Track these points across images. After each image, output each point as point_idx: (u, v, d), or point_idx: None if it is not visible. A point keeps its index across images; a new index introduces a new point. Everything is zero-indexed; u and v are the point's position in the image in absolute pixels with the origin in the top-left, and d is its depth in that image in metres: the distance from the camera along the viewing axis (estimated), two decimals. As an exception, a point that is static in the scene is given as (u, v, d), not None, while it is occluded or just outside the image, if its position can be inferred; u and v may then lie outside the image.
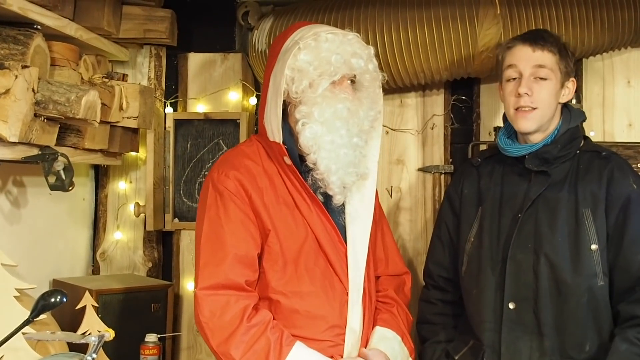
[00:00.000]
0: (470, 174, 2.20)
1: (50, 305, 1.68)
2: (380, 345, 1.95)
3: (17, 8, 1.96)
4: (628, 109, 2.64)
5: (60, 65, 2.25)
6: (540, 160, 2.03)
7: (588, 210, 1.96)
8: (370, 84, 1.95)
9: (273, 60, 1.94)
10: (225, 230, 1.85)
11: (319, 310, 1.88)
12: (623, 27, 2.45)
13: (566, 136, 2.05)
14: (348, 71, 1.88)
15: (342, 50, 1.86)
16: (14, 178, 2.36)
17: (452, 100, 2.77)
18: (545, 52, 2.01)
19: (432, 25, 2.43)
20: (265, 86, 1.95)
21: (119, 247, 2.90)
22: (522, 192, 2.04)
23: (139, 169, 2.89)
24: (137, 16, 2.68)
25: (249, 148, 1.98)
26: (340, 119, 1.85)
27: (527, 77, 2.01)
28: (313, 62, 1.85)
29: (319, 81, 1.85)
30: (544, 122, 2.03)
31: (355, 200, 1.99)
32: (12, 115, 1.91)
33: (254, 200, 1.87)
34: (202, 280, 1.84)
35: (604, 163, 2.01)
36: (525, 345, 1.97)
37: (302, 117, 1.86)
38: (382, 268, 2.12)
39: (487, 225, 2.08)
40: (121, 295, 2.51)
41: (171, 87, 2.90)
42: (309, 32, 1.89)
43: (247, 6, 2.82)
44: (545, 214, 1.99)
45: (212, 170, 1.94)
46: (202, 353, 2.83)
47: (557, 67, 2.02)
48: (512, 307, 1.98)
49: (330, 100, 1.85)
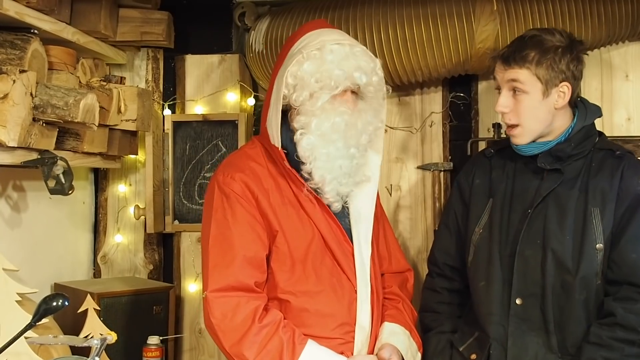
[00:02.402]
0: (483, 164, 2.19)
1: (52, 309, 1.68)
2: (391, 339, 1.96)
3: (14, 13, 1.96)
4: (627, 103, 2.64)
5: (58, 69, 2.25)
6: (554, 158, 2.01)
7: (597, 209, 1.95)
8: (374, 95, 1.95)
9: (280, 63, 1.94)
10: (233, 232, 1.86)
11: (329, 308, 1.89)
12: (620, 21, 2.45)
13: (581, 134, 2.02)
14: (350, 85, 1.88)
15: (346, 63, 1.85)
16: (14, 183, 2.36)
17: (450, 98, 2.76)
18: (516, 68, 1.96)
19: (429, 22, 2.43)
20: (270, 89, 1.95)
21: (120, 250, 2.90)
22: (533, 188, 2.03)
23: (138, 171, 2.89)
24: (134, 19, 2.68)
25: (252, 150, 1.98)
26: (337, 132, 1.86)
27: (504, 94, 2.00)
28: (315, 74, 1.84)
29: (320, 94, 1.85)
30: (538, 132, 2.01)
31: (359, 202, 2.00)
32: (11, 120, 1.91)
33: (261, 202, 1.88)
34: (211, 282, 1.84)
35: (616, 162, 1.99)
36: (532, 341, 1.97)
37: (301, 127, 1.87)
38: (385, 266, 2.13)
39: (496, 219, 2.07)
40: (123, 298, 2.51)
41: (169, 89, 2.90)
42: (315, 40, 1.89)
43: (243, 7, 2.82)
44: (554, 211, 1.99)
45: (217, 173, 1.95)
46: (205, 355, 2.83)
47: (534, 80, 1.96)
48: (519, 303, 1.98)
49: (329, 113, 1.86)
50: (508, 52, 1.99)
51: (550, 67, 1.96)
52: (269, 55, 2.65)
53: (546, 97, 1.97)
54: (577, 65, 2.00)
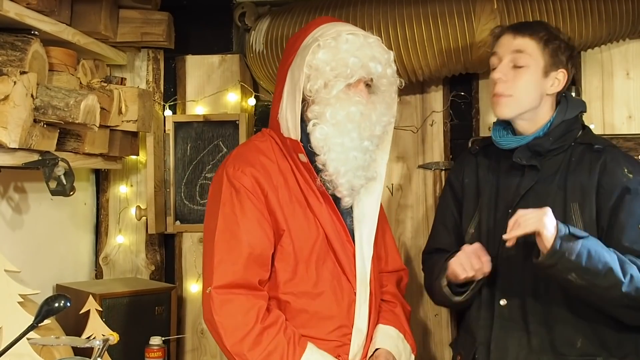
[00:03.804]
0: (470, 162, 2.19)
1: (54, 310, 1.68)
2: (385, 343, 1.95)
3: (14, 14, 1.96)
4: (627, 100, 2.63)
5: (59, 70, 2.25)
6: (532, 153, 2.00)
7: (576, 204, 1.94)
8: (387, 88, 1.93)
9: (291, 55, 1.92)
10: (241, 228, 1.82)
11: (328, 310, 1.88)
12: (621, 19, 2.44)
13: (560, 128, 2.01)
14: (365, 75, 1.86)
15: (361, 53, 1.84)
16: (15, 184, 2.37)
17: (451, 97, 2.76)
18: (527, 38, 1.97)
19: (429, 21, 2.43)
20: (281, 81, 1.92)
21: (122, 251, 2.90)
22: (514, 186, 2.02)
23: (140, 172, 2.89)
24: (134, 19, 2.68)
25: (263, 144, 1.94)
26: (352, 121, 1.84)
27: (504, 64, 2.00)
28: (330, 62, 1.83)
29: (334, 82, 1.84)
30: (524, 110, 2.00)
31: (364, 202, 1.99)
32: (12, 121, 1.91)
33: (270, 199, 1.85)
34: (216, 278, 1.81)
35: (595, 156, 1.98)
36: (513, 343, 1.96)
37: (314, 117, 1.85)
38: (382, 265, 2.12)
39: (484, 219, 2.07)
40: (125, 299, 2.51)
41: (170, 89, 2.90)
42: (330, 30, 1.87)
43: (243, 7, 2.82)
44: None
45: (226, 165, 1.89)
46: (207, 355, 2.83)
47: (539, 54, 1.97)
48: (503, 304, 1.97)
49: (344, 102, 1.84)
50: (519, 24, 2.01)
51: (555, 51, 1.99)
52: (270, 55, 2.65)
53: (544, 77, 1.99)
54: (572, 65, 2.03)
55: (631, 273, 1.79)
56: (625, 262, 1.81)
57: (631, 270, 1.79)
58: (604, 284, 1.78)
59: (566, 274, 1.78)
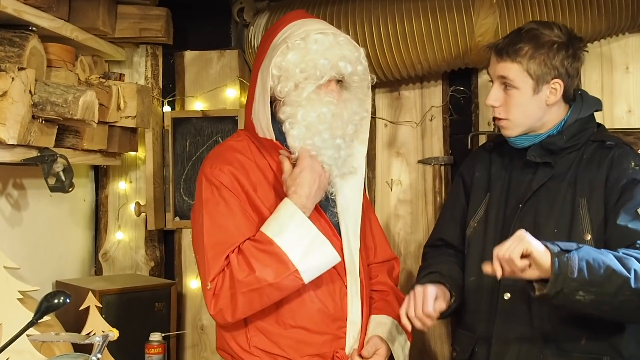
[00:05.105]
0: (483, 157, 2.18)
1: (54, 307, 1.68)
2: (377, 331, 1.95)
3: (11, 10, 1.95)
4: (627, 95, 2.63)
5: (57, 66, 2.25)
6: (546, 151, 1.99)
7: (584, 200, 1.93)
8: (358, 84, 1.93)
9: (262, 55, 1.92)
10: (227, 219, 1.82)
11: (320, 304, 1.88)
12: (620, 13, 2.44)
13: (575, 126, 1.99)
14: (335, 74, 1.85)
15: (331, 53, 1.83)
16: (14, 180, 2.36)
17: (450, 91, 2.76)
18: (508, 62, 1.94)
19: (428, 16, 2.42)
20: (253, 81, 1.93)
21: (121, 247, 2.90)
22: (526, 182, 2.02)
23: (139, 168, 2.89)
24: (133, 15, 2.68)
25: (238, 143, 1.95)
26: (323, 122, 1.84)
27: (495, 87, 1.99)
28: (299, 64, 1.82)
29: (305, 84, 1.83)
30: (527, 126, 1.99)
31: (346, 196, 1.98)
32: (10, 118, 1.91)
33: (251, 196, 1.86)
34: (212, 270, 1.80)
35: (605, 152, 1.97)
36: (515, 337, 1.95)
37: (286, 117, 1.85)
38: (371, 256, 2.12)
39: (492, 214, 2.06)
40: (124, 295, 2.51)
41: (168, 85, 2.90)
42: (299, 30, 1.86)
43: (242, 3, 2.81)
44: (544, 205, 1.97)
45: (204, 166, 1.90)
46: (207, 351, 2.83)
47: (524, 75, 1.93)
48: (507, 298, 1.97)
49: (315, 104, 1.83)
50: (502, 45, 1.97)
51: (543, 62, 1.93)
52: (268, 50, 2.65)
53: (536, 93, 1.95)
54: (572, 62, 1.96)
55: (634, 268, 1.76)
56: (622, 257, 1.77)
57: (632, 264, 1.77)
58: (611, 290, 1.72)
59: (573, 295, 1.72)
